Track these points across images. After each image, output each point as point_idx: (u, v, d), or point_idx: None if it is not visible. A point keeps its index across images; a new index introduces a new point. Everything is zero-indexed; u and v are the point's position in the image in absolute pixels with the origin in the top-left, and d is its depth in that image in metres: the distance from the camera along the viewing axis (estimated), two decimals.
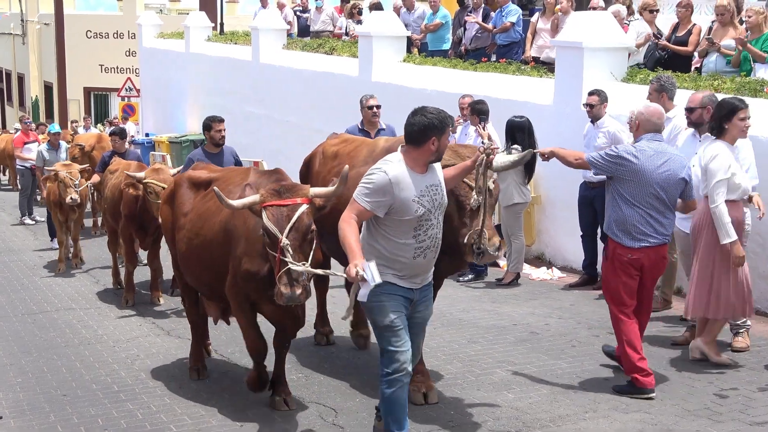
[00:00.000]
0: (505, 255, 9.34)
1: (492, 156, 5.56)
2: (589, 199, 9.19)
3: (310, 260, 5.42)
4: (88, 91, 34.09)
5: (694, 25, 10.64)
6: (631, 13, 11.74)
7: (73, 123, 26.13)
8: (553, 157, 6.41)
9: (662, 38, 10.78)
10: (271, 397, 6.27)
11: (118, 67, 32.85)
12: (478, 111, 9.70)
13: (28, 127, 17.60)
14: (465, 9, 14.18)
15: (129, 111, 24.56)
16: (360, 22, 16.73)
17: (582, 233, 9.52)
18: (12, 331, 8.74)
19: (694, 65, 10.64)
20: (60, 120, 29.20)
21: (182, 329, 8.27)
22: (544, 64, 12.11)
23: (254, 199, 5.56)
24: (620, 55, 10.51)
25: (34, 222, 15.95)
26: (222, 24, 22.51)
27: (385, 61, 14.06)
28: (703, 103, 7.17)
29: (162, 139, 19.42)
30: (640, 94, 8.78)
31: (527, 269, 10.21)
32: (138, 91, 24.62)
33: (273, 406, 6.21)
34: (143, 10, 30.83)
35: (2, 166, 21.89)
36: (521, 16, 13.35)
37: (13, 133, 21.10)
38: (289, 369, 6.66)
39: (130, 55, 31.65)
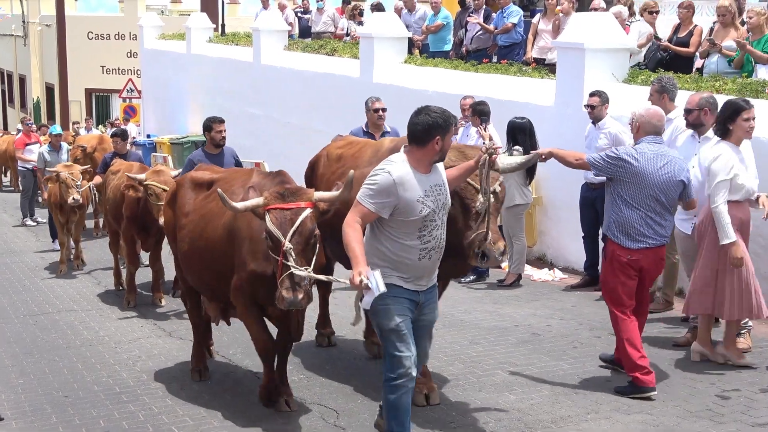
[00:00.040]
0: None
1: (495, 156, 5.51)
2: (591, 201, 9.19)
3: (313, 264, 5.39)
4: (89, 93, 34.14)
5: (696, 26, 10.65)
6: (633, 14, 11.75)
7: (75, 124, 26.18)
8: (551, 158, 6.41)
9: (663, 40, 10.78)
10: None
11: (119, 69, 32.91)
12: (479, 112, 9.71)
13: (30, 129, 17.58)
14: (466, 10, 14.18)
15: (130, 112, 24.58)
16: (361, 23, 16.74)
17: (583, 234, 9.52)
18: (13, 333, 8.74)
19: (695, 66, 10.64)
20: (61, 121, 29.21)
21: (184, 330, 8.28)
22: (546, 65, 12.10)
23: (258, 201, 5.53)
24: (621, 56, 10.51)
25: (35, 223, 15.94)
26: (223, 25, 22.53)
27: (387, 63, 14.05)
28: (700, 105, 7.17)
29: (163, 141, 19.41)
30: (642, 95, 8.77)
31: (529, 270, 10.20)
32: (139, 92, 24.63)
33: (275, 408, 6.20)
34: (144, 12, 30.90)
35: (4, 168, 21.88)
36: (522, 17, 13.35)
37: (15, 134, 21.09)
38: (291, 370, 6.66)
39: (131, 57, 31.70)
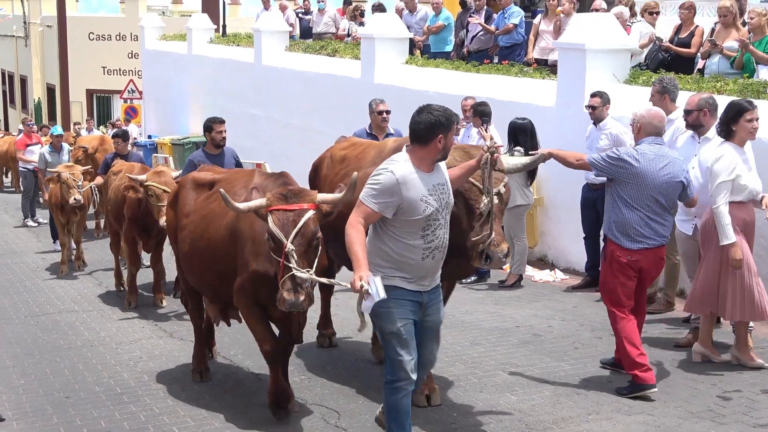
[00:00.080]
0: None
1: (497, 154, 5.50)
2: (592, 201, 9.19)
3: (315, 267, 5.38)
4: (90, 93, 34.13)
5: (697, 26, 10.64)
6: (634, 15, 11.75)
7: (76, 125, 26.17)
8: (551, 159, 6.40)
9: (664, 41, 10.78)
10: None
11: (120, 69, 32.90)
12: (480, 113, 9.69)
13: (31, 130, 17.59)
14: (467, 11, 14.18)
15: (131, 113, 24.56)
16: (362, 23, 16.74)
17: (585, 235, 9.52)
18: (15, 333, 8.74)
19: (697, 67, 10.64)
20: (62, 122, 29.22)
21: (185, 331, 8.28)
22: (547, 66, 12.10)
23: (260, 202, 5.52)
24: (623, 57, 10.50)
25: (36, 224, 15.94)
26: (224, 26, 22.52)
27: (388, 63, 14.05)
28: (699, 106, 7.16)
29: (164, 141, 19.39)
30: (643, 95, 8.77)
31: (530, 271, 10.20)
32: (140, 93, 24.62)
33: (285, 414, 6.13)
34: (146, 13, 30.87)
35: (5, 168, 21.89)
36: (524, 18, 13.35)
37: (16, 135, 21.10)
38: (292, 371, 6.65)
39: (132, 57, 31.69)
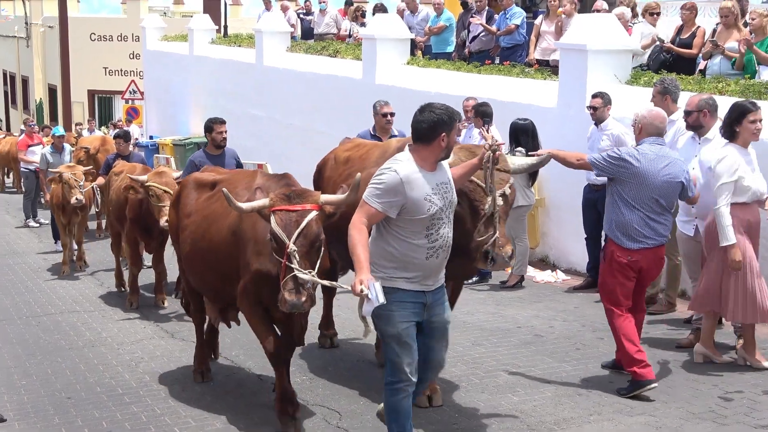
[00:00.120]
0: None
1: (498, 153, 5.48)
2: (593, 202, 9.18)
3: (318, 268, 5.36)
4: (92, 94, 34.13)
5: (698, 27, 10.63)
6: (635, 15, 11.74)
7: (77, 126, 26.13)
8: (551, 159, 6.40)
9: (666, 42, 10.77)
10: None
11: (122, 70, 32.88)
12: (481, 113, 9.69)
13: (32, 130, 17.60)
14: (469, 11, 14.20)
15: (133, 114, 24.53)
16: (364, 24, 16.75)
17: (586, 236, 9.51)
18: (16, 334, 8.75)
19: (698, 68, 10.63)
20: (64, 123, 29.26)
21: (186, 332, 8.27)
22: (549, 66, 12.10)
23: (263, 202, 5.50)
24: (624, 58, 10.50)
25: (38, 225, 15.96)
26: (226, 27, 22.52)
27: (389, 64, 14.06)
28: (699, 107, 7.16)
29: (166, 142, 19.39)
30: (644, 96, 8.76)
31: (531, 272, 10.20)
32: (142, 93, 24.62)
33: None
34: (147, 13, 30.90)
35: (6, 169, 21.91)
36: (525, 19, 13.35)
37: (18, 135, 21.11)
38: (294, 372, 6.65)
39: (134, 58, 31.67)
